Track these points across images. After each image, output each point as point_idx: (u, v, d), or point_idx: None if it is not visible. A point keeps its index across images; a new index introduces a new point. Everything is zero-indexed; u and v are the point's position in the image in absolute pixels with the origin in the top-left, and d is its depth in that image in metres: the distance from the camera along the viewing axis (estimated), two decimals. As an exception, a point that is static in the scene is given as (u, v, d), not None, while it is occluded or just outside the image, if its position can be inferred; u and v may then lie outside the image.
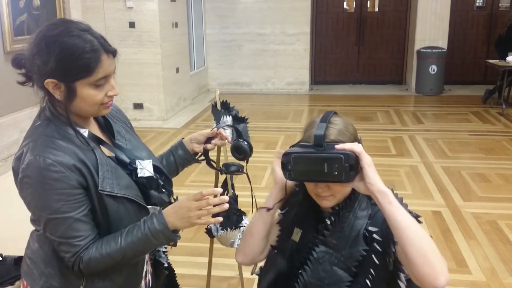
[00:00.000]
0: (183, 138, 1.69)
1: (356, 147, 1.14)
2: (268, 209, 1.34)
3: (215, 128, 1.66)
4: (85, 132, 1.31)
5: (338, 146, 1.14)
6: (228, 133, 1.81)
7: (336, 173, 1.12)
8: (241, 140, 1.74)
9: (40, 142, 1.23)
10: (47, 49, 1.21)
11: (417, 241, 1.04)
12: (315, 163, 1.14)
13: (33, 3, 4.80)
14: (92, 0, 6.24)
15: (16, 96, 4.52)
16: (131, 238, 1.27)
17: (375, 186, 1.12)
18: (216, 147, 1.70)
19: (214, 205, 1.26)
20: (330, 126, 1.22)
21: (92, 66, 1.22)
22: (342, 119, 1.27)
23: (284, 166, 1.19)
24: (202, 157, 1.71)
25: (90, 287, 1.32)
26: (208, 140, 1.65)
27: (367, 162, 1.13)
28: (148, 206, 1.38)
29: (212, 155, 1.78)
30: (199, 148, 1.66)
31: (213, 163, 1.78)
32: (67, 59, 1.20)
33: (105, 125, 1.44)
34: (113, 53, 1.28)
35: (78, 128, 1.29)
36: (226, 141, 1.68)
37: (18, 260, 2.05)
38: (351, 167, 1.12)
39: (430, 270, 1.00)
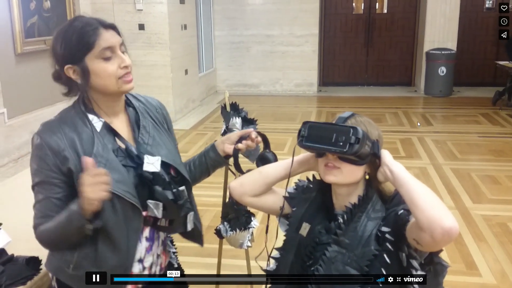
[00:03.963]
0: (215, 141, 1.66)
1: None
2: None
3: (251, 128, 1.65)
4: (100, 122, 1.37)
5: None
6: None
7: (341, 143, 1.20)
8: (268, 151, 1.69)
9: (50, 122, 1.36)
10: (56, 41, 1.35)
11: (422, 191, 1.14)
12: (325, 131, 1.24)
13: (43, 6, 4.85)
14: (102, 2, 6.29)
15: (26, 98, 4.57)
16: (58, 219, 1.30)
17: (383, 159, 1.25)
18: (246, 149, 1.63)
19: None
20: (355, 117, 1.31)
21: (92, 39, 1.32)
22: (367, 120, 1.33)
23: (299, 133, 1.29)
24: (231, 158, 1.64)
25: (78, 268, 1.35)
26: (240, 140, 1.60)
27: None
28: (150, 201, 1.37)
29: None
30: (230, 148, 1.61)
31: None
32: (70, 42, 1.33)
33: (135, 119, 1.48)
34: (111, 26, 1.39)
35: (94, 117, 1.37)
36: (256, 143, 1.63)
37: (29, 260, 2.07)
38: (357, 140, 1.19)
39: (437, 212, 1.09)
